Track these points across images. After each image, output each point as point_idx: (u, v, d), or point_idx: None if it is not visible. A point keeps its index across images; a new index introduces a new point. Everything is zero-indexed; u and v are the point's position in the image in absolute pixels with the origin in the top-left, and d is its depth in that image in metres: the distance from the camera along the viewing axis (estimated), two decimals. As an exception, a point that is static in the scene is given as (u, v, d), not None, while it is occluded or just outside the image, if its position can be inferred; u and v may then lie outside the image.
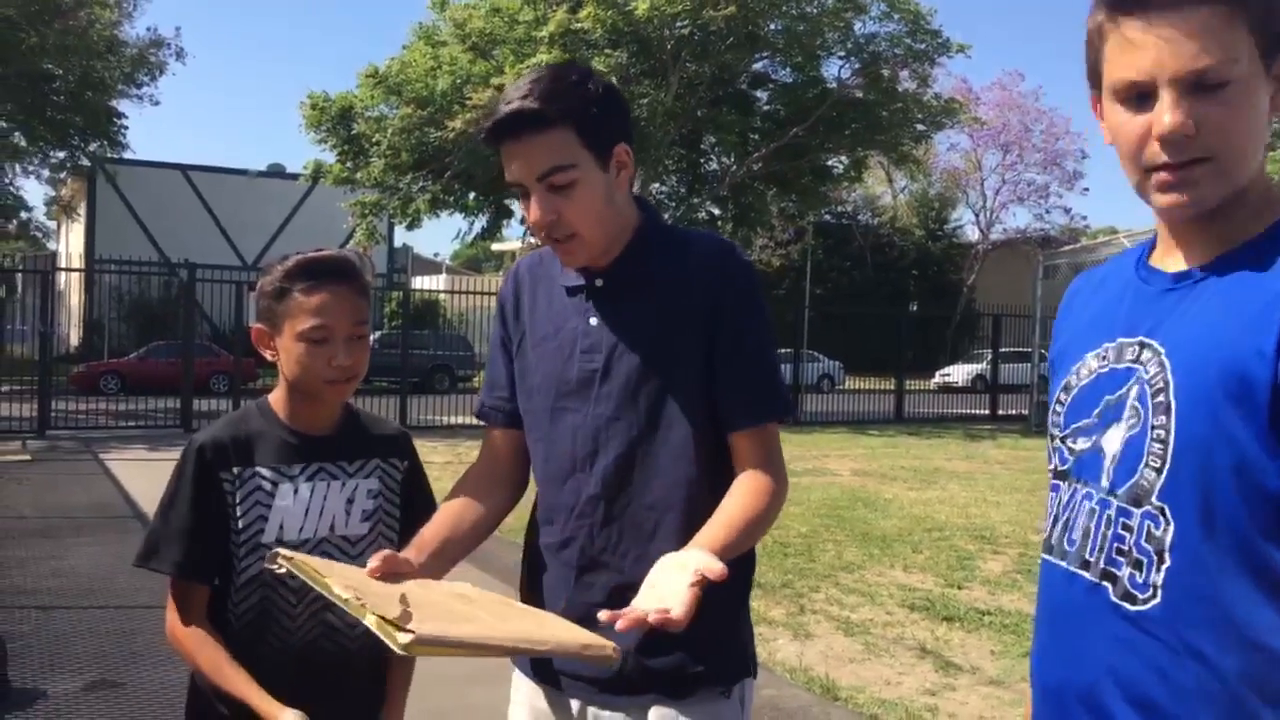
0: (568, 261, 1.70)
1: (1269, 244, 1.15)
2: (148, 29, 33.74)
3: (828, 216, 40.93)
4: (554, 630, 1.41)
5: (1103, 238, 24.29)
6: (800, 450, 14.53)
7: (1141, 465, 1.17)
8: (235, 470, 1.80)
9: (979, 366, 29.41)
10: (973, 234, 45.05)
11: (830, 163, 23.55)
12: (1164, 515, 1.15)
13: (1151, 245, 1.31)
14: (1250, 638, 1.09)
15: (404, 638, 1.21)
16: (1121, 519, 1.19)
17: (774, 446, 1.70)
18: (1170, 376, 1.16)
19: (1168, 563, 1.14)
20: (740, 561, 1.62)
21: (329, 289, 1.80)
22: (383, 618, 1.24)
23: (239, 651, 1.78)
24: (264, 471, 1.81)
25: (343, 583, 1.36)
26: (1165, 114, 1.14)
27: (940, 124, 22.87)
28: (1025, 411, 21.29)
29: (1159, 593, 1.15)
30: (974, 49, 21.87)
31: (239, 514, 1.79)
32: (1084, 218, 42.90)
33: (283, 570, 1.48)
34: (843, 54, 21.59)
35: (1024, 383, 22.42)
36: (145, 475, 10.37)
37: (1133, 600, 1.17)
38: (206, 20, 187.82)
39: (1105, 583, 1.20)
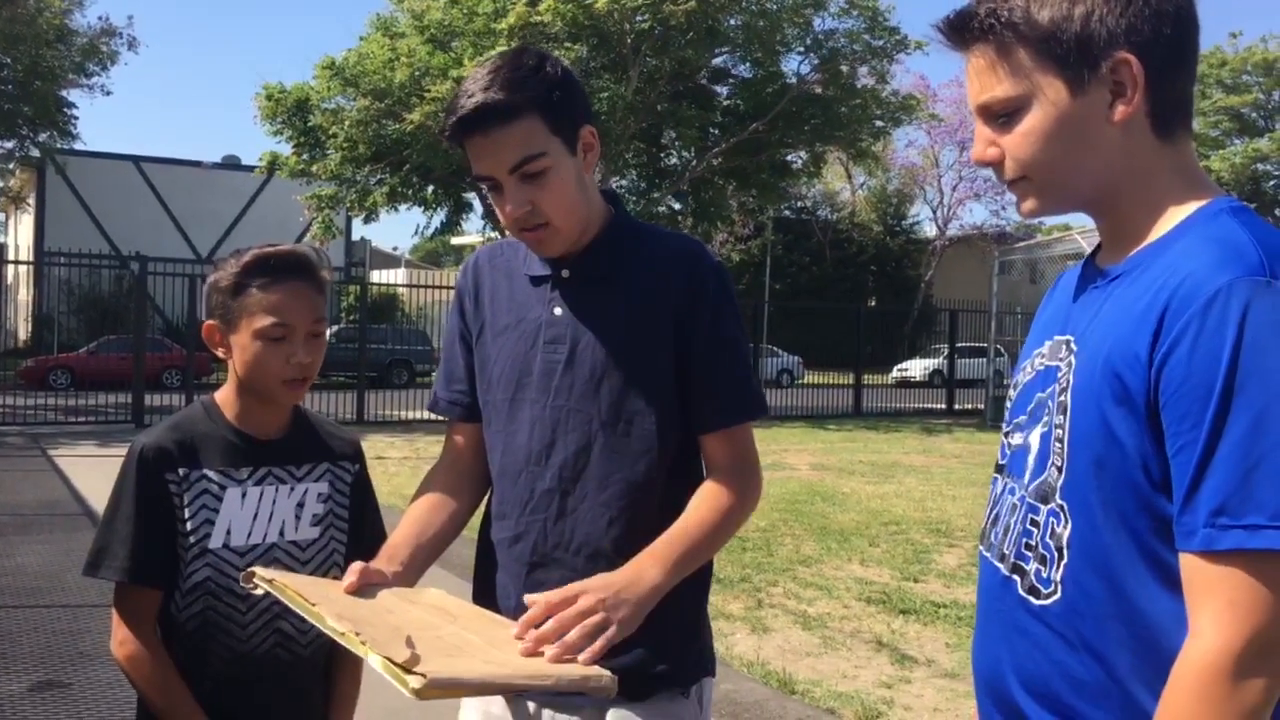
0: (541, 251, 1.67)
1: (1167, 245, 1.16)
2: (99, 18, 33.11)
3: (787, 212, 41.11)
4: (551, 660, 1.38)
5: (1057, 234, 24.58)
6: (759, 445, 14.29)
7: (1049, 463, 1.19)
8: (181, 472, 1.75)
9: (936, 361, 29.70)
10: (930, 230, 45.44)
11: (789, 158, 23.64)
12: (1064, 513, 1.17)
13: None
14: (1148, 636, 1.11)
15: (415, 682, 1.16)
16: (1031, 515, 1.22)
17: (746, 447, 1.69)
18: (1072, 377, 1.18)
19: (1066, 559, 1.16)
20: None
21: (289, 285, 1.75)
22: (390, 659, 1.19)
23: (187, 661, 1.74)
24: (211, 474, 1.77)
25: (334, 611, 1.31)
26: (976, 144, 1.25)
27: (898, 120, 23.04)
28: (981, 406, 21.51)
29: (1059, 589, 1.17)
30: (931, 46, 21.97)
31: (186, 516, 1.74)
32: (1039, 215, 43.25)
33: (259, 592, 1.43)
34: (802, 50, 21.69)
35: (980, 378, 22.66)
36: (95, 472, 10.19)
37: (1037, 594, 1.20)
38: (160, 9, 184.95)
39: (1015, 576, 1.23)
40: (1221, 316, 1.04)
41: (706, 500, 1.62)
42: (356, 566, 1.50)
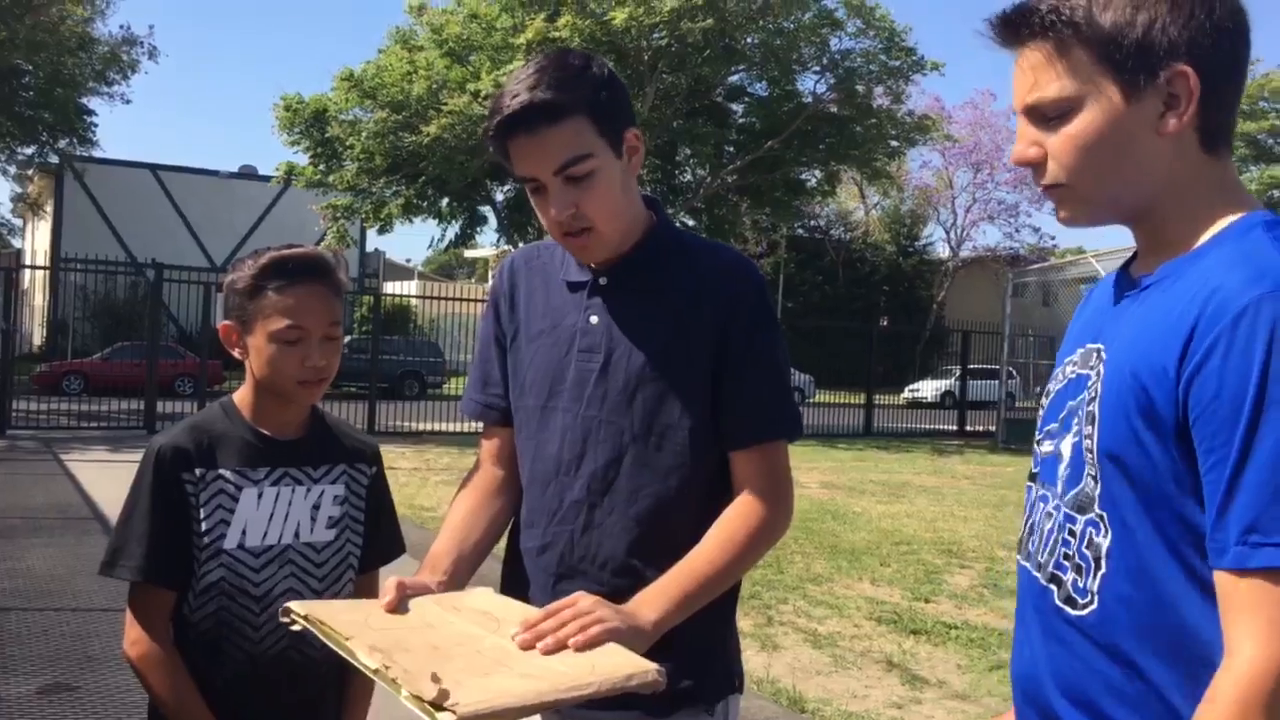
0: (584, 257, 1.63)
1: (1200, 256, 1.15)
2: (120, 26, 33.52)
3: (800, 230, 41.08)
4: (594, 660, 1.33)
5: (1070, 257, 24.53)
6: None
7: (1084, 473, 1.18)
8: (198, 472, 1.74)
9: (948, 382, 29.60)
10: (943, 251, 45.39)
11: (804, 177, 23.66)
12: (1103, 523, 1.15)
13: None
14: (1188, 647, 1.10)
15: (446, 718, 1.15)
16: (1068, 525, 1.21)
17: (777, 467, 1.62)
18: (1100, 387, 1.17)
19: (1104, 569, 1.15)
20: None
21: (304, 288, 1.75)
22: (419, 698, 1.18)
23: (200, 662, 1.73)
24: (227, 474, 1.76)
25: (367, 643, 1.29)
26: (1016, 142, 1.22)
27: (913, 140, 23.05)
28: (993, 428, 21.41)
29: (1096, 599, 1.16)
30: (947, 67, 22.02)
31: (201, 516, 1.74)
32: (1053, 237, 43.21)
33: (297, 628, 1.41)
34: (818, 69, 21.72)
35: (992, 399, 22.56)
36: (106, 477, 10.22)
37: (1074, 604, 1.19)
38: (180, 19, 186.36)
39: (1051, 585, 1.22)
40: (1250, 333, 1.03)
41: (725, 527, 1.57)
42: (393, 582, 1.47)
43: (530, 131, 1.52)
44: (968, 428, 22.97)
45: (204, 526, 1.74)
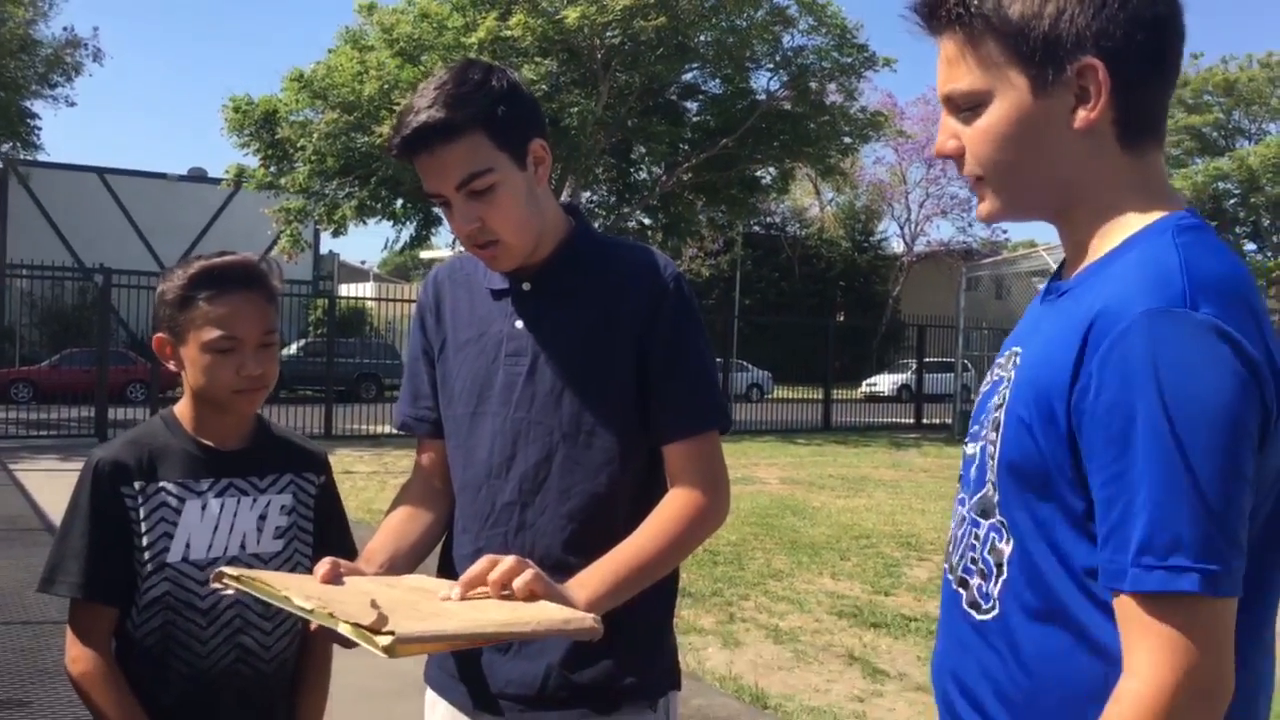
0: (495, 267, 1.66)
1: (1109, 263, 1.12)
2: (64, 29, 32.83)
3: (756, 227, 41.30)
4: (530, 612, 1.33)
5: (1023, 250, 24.84)
6: (729, 459, 14.31)
7: (986, 479, 1.17)
8: (138, 485, 1.71)
9: (904, 376, 29.88)
10: (898, 246, 45.79)
11: (758, 174, 23.73)
12: (1005, 530, 1.14)
13: None
14: (1080, 659, 1.08)
15: (384, 640, 1.16)
16: (973, 529, 1.20)
17: (707, 459, 1.66)
18: (1008, 393, 1.15)
19: (1004, 575, 1.14)
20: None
21: (236, 296, 1.73)
22: (358, 624, 1.19)
23: (144, 678, 1.70)
24: (170, 487, 1.73)
25: (302, 593, 1.29)
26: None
27: (866, 137, 23.17)
28: (949, 420, 21.64)
29: (998, 605, 1.15)
30: (899, 63, 22.19)
31: (143, 530, 1.70)
32: (1005, 231, 43.61)
33: (230, 592, 1.40)
34: (771, 66, 21.80)
35: (947, 392, 22.82)
36: (57, 486, 10.02)
37: (978, 609, 1.18)
38: (126, 20, 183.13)
39: (960, 589, 1.22)
40: (1133, 348, 1.01)
41: (660, 516, 1.59)
42: (327, 560, 1.46)
43: (429, 151, 1.54)
44: (924, 420, 23.20)
45: (145, 541, 1.71)
